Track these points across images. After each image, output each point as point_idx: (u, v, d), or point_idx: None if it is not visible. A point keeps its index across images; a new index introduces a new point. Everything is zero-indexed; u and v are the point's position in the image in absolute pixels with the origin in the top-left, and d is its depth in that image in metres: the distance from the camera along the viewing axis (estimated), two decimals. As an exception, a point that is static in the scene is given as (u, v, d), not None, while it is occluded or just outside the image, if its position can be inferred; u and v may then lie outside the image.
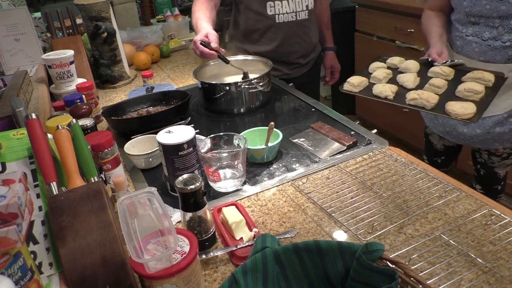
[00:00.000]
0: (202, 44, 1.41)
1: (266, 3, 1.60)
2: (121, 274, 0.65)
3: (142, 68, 1.96)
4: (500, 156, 1.51)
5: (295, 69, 1.78)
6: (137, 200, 0.70)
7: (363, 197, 0.94)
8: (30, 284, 0.59)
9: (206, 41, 1.41)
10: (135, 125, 1.30)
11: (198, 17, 1.53)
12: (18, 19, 1.68)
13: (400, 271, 0.59)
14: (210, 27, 1.49)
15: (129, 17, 2.39)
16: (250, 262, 0.64)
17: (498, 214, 0.84)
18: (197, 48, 1.42)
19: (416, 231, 0.83)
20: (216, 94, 1.40)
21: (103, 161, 0.95)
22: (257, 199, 0.98)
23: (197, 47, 1.42)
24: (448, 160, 1.76)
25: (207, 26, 1.49)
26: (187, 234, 0.69)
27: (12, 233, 0.56)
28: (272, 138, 1.12)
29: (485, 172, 1.59)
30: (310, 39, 1.75)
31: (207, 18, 1.53)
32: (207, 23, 1.50)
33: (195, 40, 1.43)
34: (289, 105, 1.46)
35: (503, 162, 1.53)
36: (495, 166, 1.55)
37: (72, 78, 1.53)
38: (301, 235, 0.85)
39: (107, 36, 1.68)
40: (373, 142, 1.16)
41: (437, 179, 0.97)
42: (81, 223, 0.66)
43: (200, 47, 1.41)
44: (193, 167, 0.96)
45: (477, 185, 1.63)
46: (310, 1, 1.65)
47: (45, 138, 0.74)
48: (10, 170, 0.74)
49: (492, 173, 1.57)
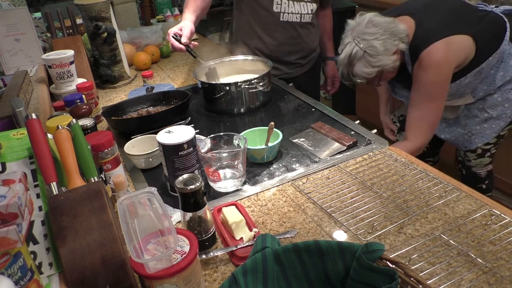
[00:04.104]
0: (173, 37, 1.43)
1: (273, 0, 1.61)
2: (121, 274, 0.65)
3: (142, 68, 1.96)
4: (475, 152, 1.52)
5: (295, 69, 1.78)
6: (137, 200, 0.70)
7: (363, 197, 0.94)
8: (30, 284, 0.59)
9: (179, 34, 1.44)
10: (135, 125, 1.30)
11: (187, 5, 1.55)
12: (18, 19, 1.68)
13: (400, 271, 0.59)
14: (192, 18, 1.51)
15: (129, 17, 2.39)
16: (250, 262, 0.64)
17: (498, 214, 0.84)
18: (169, 40, 1.45)
19: (416, 231, 0.83)
20: (216, 94, 1.40)
21: (103, 161, 0.95)
22: (257, 199, 0.98)
23: (169, 39, 1.45)
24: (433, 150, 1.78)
25: (188, 17, 1.51)
26: (187, 234, 0.69)
27: (12, 233, 0.56)
28: (272, 138, 1.12)
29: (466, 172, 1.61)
30: (311, 42, 1.76)
31: (195, 8, 1.54)
32: (190, 14, 1.52)
33: (169, 31, 1.46)
34: (289, 105, 1.46)
35: (479, 161, 1.55)
36: (473, 166, 1.57)
37: (72, 78, 1.53)
38: (301, 235, 0.85)
39: (107, 36, 1.68)
40: (373, 142, 1.16)
41: (437, 179, 0.97)
42: (81, 223, 0.65)
43: (171, 40, 1.44)
44: (193, 167, 0.96)
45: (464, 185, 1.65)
46: (314, 6, 1.66)
47: (45, 138, 0.74)
48: (10, 170, 0.74)
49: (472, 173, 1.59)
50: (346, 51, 1.31)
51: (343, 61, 1.33)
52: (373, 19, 1.29)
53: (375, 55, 1.27)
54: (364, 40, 1.28)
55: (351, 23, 1.34)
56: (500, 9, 1.41)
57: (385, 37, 1.26)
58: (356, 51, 1.28)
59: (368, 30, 1.28)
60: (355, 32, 1.30)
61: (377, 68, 1.30)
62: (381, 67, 1.30)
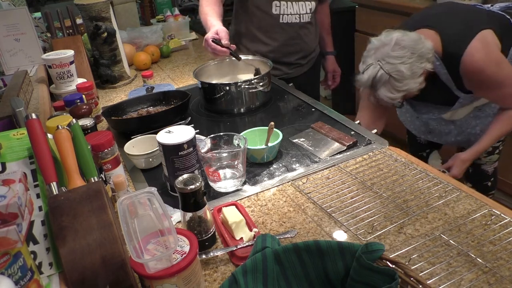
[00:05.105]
0: (213, 42, 1.41)
1: (272, 2, 1.61)
2: (121, 274, 0.65)
3: (142, 68, 1.96)
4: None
5: (295, 69, 1.78)
6: (137, 200, 0.70)
7: (363, 197, 0.94)
8: (30, 284, 0.59)
9: (217, 38, 1.42)
10: (135, 125, 1.30)
11: (207, 13, 1.54)
12: (18, 19, 1.68)
13: (400, 271, 0.59)
14: (220, 23, 1.49)
15: (129, 17, 2.39)
16: (250, 262, 0.64)
17: (498, 214, 0.84)
18: (209, 46, 1.42)
19: (416, 231, 0.83)
20: (216, 94, 1.40)
21: (103, 161, 0.95)
22: (257, 199, 0.98)
23: (208, 44, 1.42)
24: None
25: (217, 23, 1.49)
26: (187, 234, 0.69)
27: (12, 233, 0.56)
28: (272, 138, 1.12)
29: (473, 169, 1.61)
30: (311, 42, 1.76)
31: (216, 14, 1.53)
32: (216, 20, 1.51)
33: (206, 38, 1.43)
34: (289, 105, 1.46)
35: (489, 158, 1.55)
36: (482, 163, 1.57)
37: (72, 78, 1.53)
38: (301, 235, 0.85)
39: (107, 36, 1.68)
40: (373, 142, 1.16)
41: (437, 179, 0.97)
42: (81, 223, 0.66)
43: (212, 44, 1.41)
44: (193, 167, 0.96)
45: (467, 183, 1.64)
46: (313, 5, 1.66)
47: (45, 138, 0.74)
48: (10, 170, 0.74)
49: (480, 171, 1.58)
50: (369, 73, 1.23)
51: (365, 83, 1.26)
52: (401, 40, 1.21)
53: (401, 79, 1.20)
54: (389, 63, 1.20)
55: (375, 42, 1.25)
56: (496, 7, 1.41)
57: (412, 60, 1.19)
58: (380, 74, 1.21)
59: (395, 54, 1.20)
60: (380, 54, 1.22)
61: (402, 92, 1.23)
62: (407, 92, 1.23)
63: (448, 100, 1.39)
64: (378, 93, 1.25)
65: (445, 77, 1.31)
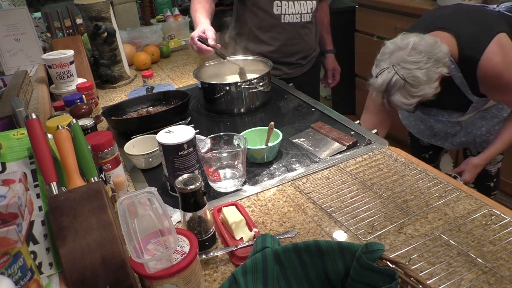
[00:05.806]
0: (199, 40, 1.42)
1: (273, 2, 1.61)
2: (121, 274, 0.65)
3: (142, 68, 1.96)
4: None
5: (295, 69, 1.78)
6: (137, 200, 0.70)
7: (363, 197, 0.94)
8: (30, 284, 0.59)
9: (204, 37, 1.42)
10: (135, 125, 1.30)
11: (197, 10, 1.54)
12: (18, 19, 1.68)
13: (400, 271, 0.59)
14: (208, 22, 1.50)
15: (129, 17, 2.39)
16: (250, 262, 0.64)
17: (498, 214, 0.84)
18: (195, 44, 1.43)
19: (416, 231, 0.83)
20: (216, 94, 1.40)
21: (103, 161, 0.95)
22: (257, 199, 0.98)
23: (194, 43, 1.43)
24: (436, 154, 1.77)
25: (205, 20, 1.50)
26: (187, 234, 0.69)
27: (12, 233, 0.56)
28: (272, 138, 1.12)
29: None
30: (311, 41, 1.76)
31: (206, 12, 1.54)
32: (205, 18, 1.51)
33: (192, 35, 1.44)
34: (289, 105, 1.46)
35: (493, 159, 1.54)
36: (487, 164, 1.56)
37: (72, 78, 1.53)
38: (301, 235, 0.85)
39: (107, 36, 1.68)
40: (373, 142, 1.16)
41: (437, 179, 0.97)
42: (81, 223, 0.66)
43: (198, 43, 1.42)
44: (193, 167, 0.96)
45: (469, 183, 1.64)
46: (314, 4, 1.66)
47: (45, 138, 0.74)
48: (10, 170, 0.74)
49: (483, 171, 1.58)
50: (384, 77, 1.19)
51: (379, 88, 1.22)
52: (418, 45, 1.17)
53: (417, 85, 1.16)
54: (405, 68, 1.16)
55: (389, 46, 1.22)
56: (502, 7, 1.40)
57: (428, 65, 1.16)
58: (396, 79, 1.17)
59: (411, 58, 1.16)
60: (395, 58, 1.19)
61: (417, 98, 1.19)
62: (422, 97, 1.20)
63: (460, 105, 1.37)
64: (392, 98, 1.22)
65: (459, 81, 1.28)
